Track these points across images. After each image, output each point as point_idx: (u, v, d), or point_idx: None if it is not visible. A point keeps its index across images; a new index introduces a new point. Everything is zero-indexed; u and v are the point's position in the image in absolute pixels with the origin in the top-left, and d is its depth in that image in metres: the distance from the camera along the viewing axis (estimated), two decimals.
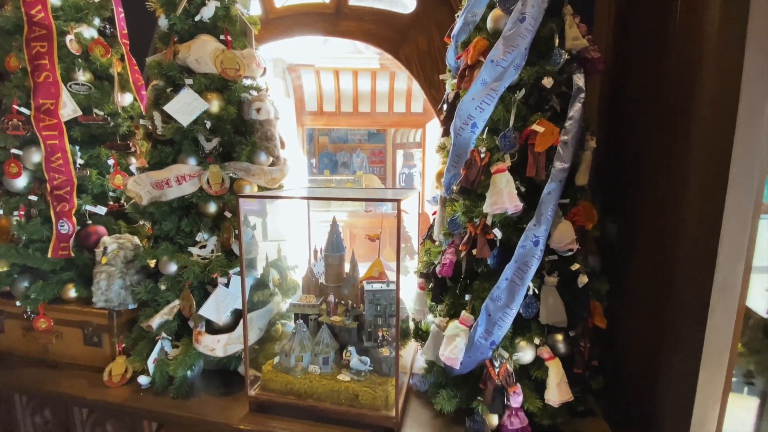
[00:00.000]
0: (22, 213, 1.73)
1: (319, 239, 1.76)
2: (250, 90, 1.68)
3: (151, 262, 1.64)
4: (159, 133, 1.57)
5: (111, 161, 1.86)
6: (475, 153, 1.32)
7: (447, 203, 1.49)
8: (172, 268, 1.58)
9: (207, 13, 1.56)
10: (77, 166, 1.76)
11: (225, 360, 1.60)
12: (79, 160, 1.78)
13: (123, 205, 1.89)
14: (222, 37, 1.61)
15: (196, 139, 1.58)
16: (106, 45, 1.85)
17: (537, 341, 1.31)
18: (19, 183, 1.74)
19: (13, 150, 1.70)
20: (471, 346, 1.28)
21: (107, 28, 1.92)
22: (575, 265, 1.30)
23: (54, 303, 1.73)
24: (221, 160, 1.61)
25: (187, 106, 1.52)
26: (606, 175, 1.53)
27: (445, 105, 1.56)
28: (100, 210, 1.80)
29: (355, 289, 1.62)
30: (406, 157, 6.19)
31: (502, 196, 1.22)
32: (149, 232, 1.73)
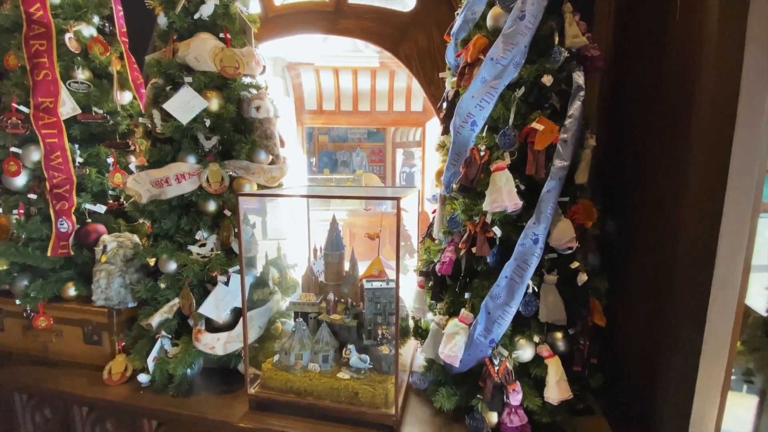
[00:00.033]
0: (21, 211, 1.73)
1: (318, 238, 1.76)
2: (249, 88, 1.68)
3: (150, 260, 1.65)
4: (158, 131, 1.57)
5: (110, 160, 1.86)
6: (474, 151, 1.32)
7: (447, 201, 1.49)
8: (172, 267, 1.59)
9: (206, 11, 1.56)
10: (76, 165, 1.76)
11: (225, 358, 1.60)
12: (79, 159, 1.78)
13: (122, 203, 1.89)
14: (221, 35, 1.61)
15: (196, 138, 1.58)
16: (105, 43, 1.84)
17: (536, 339, 1.31)
18: (19, 181, 1.74)
19: (13, 148, 1.70)
20: (470, 344, 1.29)
21: (106, 27, 1.92)
22: (575, 264, 1.30)
23: (54, 301, 1.73)
24: (221, 159, 1.61)
25: (186, 105, 1.52)
26: (606, 173, 1.53)
27: (444, 103, 1.56)
28: (100, 208, 1.80)
29: (354, 287, 1.63)
30: (407, 156, 6.19)
31: (502, 194, 1.22)
32: (149, 230, 1.73)
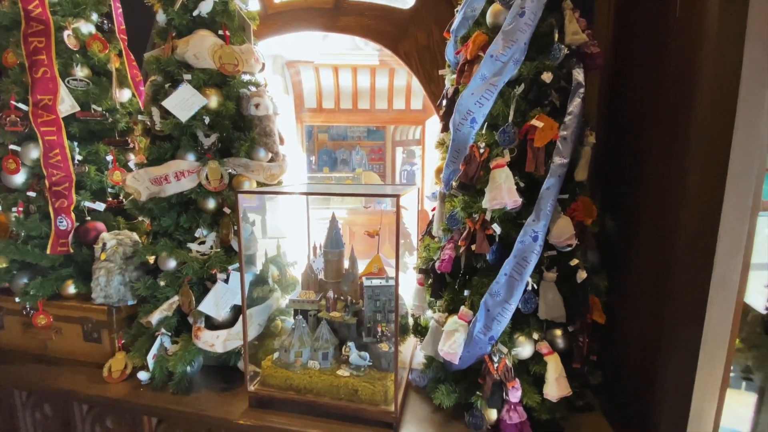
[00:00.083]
0: (20, 209, 1.73)
1: (318, 236, 1.76)
2: (248, 85, 1.67)
3: (150, 258, 1.64)
4: (157, 128, 1.57)
5: (110, 157, 1.85)
6: (474, 148, 1.32)
7: (446, 199, 1.48)
8: (171, 264, 1.59)
9: (205, 8, 1.56)
10: (76, 162, 1.75)
11: (224, 356, 1.61)
12: (78, 156, 1.78)
13: (122, 201, 1.89)
14: (220, 32, 1.61)
15: (195, 135, 1.58)
16: (104, 40, 1.84)
17: (536, 336, 1.31)
18: (18, 179, 1.74)
19: (12, 146, 1.70)
20: (470, 342, 1.29)
21: (105, 24, 1.91)
22: (574, 261, 1.31)
23: (53, 299, 1.73)
24: (220, 156, 1.61)
25: (185, 102, 1.52)
26: (605, 170, 1.53)
27: (444, 100, 1.56)
28: (99, 206, 1.80)
29: (354, 285, 1.63)
30: (408, 155, 6.18)
31: (501, 192, 1.22)
32: (148, 228, 1.73)
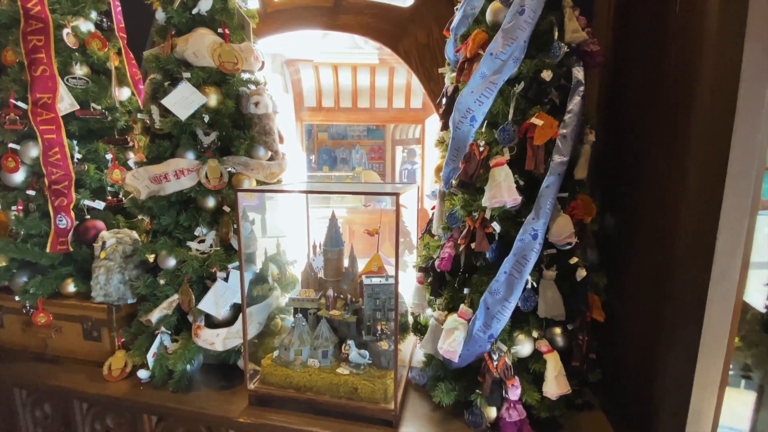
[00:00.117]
0: (20, 208, 1.73)
1: (318, 234, 1.76)
2: (248, 84, 1.67)
3: (149, 256, 1.64)
4: (157, 127, 1.57)
5: (109, 156, 1.85)
6: (474, 146, 1.31)
7: (446, 197, 1.48)
8: (171, 263, 1.59)
9: (204, 6, 1.55)
10: (75, 161, 1.75)
11: (224, 354, 1.61)
12: (77, 155, 1.77)
13: (121, 199, 1.89)
14: (220, 30, 1.61)
15: (195, 134, 1.58)
16: (104, 39, 1.84)
17: (535, 334, 1.31)
18: (17, 178, 1.73)
19: (11, 144, 1.70)
20: (469, 340, 1.29)
21: (104, 22, 1.91)
22: (574, 259, 1.31)
23: (53, 298, 1.73)
24: (219, 155, 1.61)
25: (185, 100, 1.52)
26: (605, 169, 1.53)
27: (444, 98, 1.56)
28: (99, 205, 1.80)
29: (354, 283, 1.63)
30: (408, 154, 6.18)
31: (501, 190, 1.22)
32: (148, 226, 1.73)
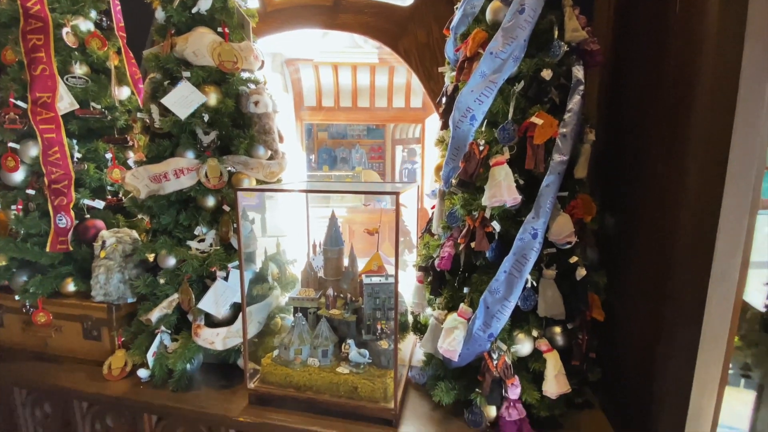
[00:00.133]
0: (20, 207, 1.73)
1: (318, 234, 1.76)
2: (247, 83, 1.67)
3: (149, 255, 1.64)
4: (157, 126, 1.57)
5: (109, 155, 1.85)
6: (473, 145, 1.31)
7: (446, 196, 1.48)
8: (171, 262, 1.59)
9: (204, 5, 1.55)
10: (75, 160, 1.75)
11: (224, 353, 1.61)
12: (77, 154, 1.77)
13: (121, 199, 1.89)
14: (219, 29, 1.60)
15: (194, 133, 1.58)
16: (103, 38, 1.84)
17: (535, 333, 1.31)
18: (17, 177, 1.73)
19: (11, 144, 1.70)
20: (469, 339, 1.29)
21: (104, 21, 1.91)
22: (573, 258, 1.31)
23: (53, 297, 1.73)
24: (219, 154, 1.61)
25: (184, 99, 1.51)
26: (605, 169, 1.52)
27: (444, 98, 1.56)
28: (99, 204, 1.80)
29: (353, 282, 1.63)
30: (409, 153, 6.19)
31: (501, 189, 1.22)
32: (147, 225, 1.73)
